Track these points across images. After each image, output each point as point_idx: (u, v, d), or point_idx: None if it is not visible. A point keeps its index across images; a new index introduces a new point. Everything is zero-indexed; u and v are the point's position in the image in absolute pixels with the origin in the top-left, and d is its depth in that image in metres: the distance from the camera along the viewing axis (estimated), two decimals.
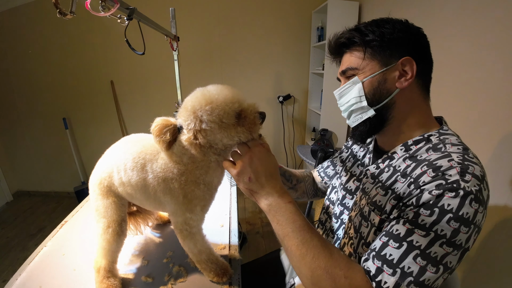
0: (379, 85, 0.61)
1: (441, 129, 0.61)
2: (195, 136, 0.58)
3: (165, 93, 2.55)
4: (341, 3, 2.04)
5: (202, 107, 0.56)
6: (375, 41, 0.59)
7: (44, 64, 2.47)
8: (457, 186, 0.45)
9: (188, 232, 0.69)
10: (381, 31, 0.59)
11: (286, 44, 2.52)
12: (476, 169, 0.48)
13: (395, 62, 0.59)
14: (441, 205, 0.45)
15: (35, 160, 2.80)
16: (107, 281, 0.71)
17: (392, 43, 0.59)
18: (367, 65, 0.61)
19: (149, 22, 1.05)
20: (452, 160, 0.50)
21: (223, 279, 0.72)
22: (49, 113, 2.63)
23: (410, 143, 0.61)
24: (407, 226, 0.47)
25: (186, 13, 2.28)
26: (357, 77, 0.63)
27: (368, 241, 0.58)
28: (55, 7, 0.60)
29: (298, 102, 2.72)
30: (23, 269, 0.79)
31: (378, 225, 0.57)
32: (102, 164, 0.75)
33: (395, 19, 0.62)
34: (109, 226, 0.72)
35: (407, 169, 0.57)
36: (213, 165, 0.65)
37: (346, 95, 0.66)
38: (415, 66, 0.58)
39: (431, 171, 0.50)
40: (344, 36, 0.64)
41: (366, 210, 0.62)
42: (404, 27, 0.60)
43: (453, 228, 0.44)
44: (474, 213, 0.44)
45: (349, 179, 0.75)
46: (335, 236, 0.74)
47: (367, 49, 0.61)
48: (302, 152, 2.21)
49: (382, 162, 0.66)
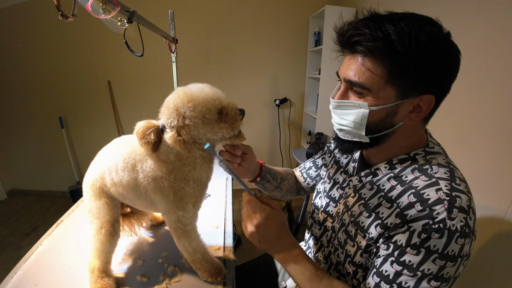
0: (386, 117, 0.53)
1: (426, 146, 0.58)
2: (178, 132, 0.61)
3: (162, 94, 2.48)
4: (338, 8, 2.07)
5: (184, 104, 0.59)
6: (407, 67, 0.47)
7: (40, 63, 2.46)
8: (443, 227, 0.45)
9: (182, 231, 0.70)
10: (420, 55, 0.46)
11: (283, 48, 2.54)
12: (463, 200, 0.47)
13: (414, 95, 0.50)
14: (427, 246, 0.46)
15: (30, 159, 2.78)
16: (102, 281, 0.71)
17: (424, 74, 0.48)
18: (382, 90, 0.50)
19: (148, 24, 1.07)
20: (440, 190, 0.48)
21: (217, 279, 0.73)
22: (45, 112, 2.62)
23: (395, 162, 0.58)
24: (395, 268, 0.49)
25: (184, 15, 2.29)
26: (367, 103, 0.52)
27: (355, 261, 0.59)
28: (57, 10, 0.61)
29: (294, 105, 2.74)
30: (19, 267, 0.79)
31: (364, 248, 0.57)
32: (94, 166, 0.76)
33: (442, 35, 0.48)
34: (102, 227, 0.73)
35: (391, 192, 0.55)
36: (199, 161, 0.67)
37: (345, 111, 0.56)
38: (433, 104, 0.51)
39: (419, 205, 0.49)
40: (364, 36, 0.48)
41: (352, 231, 0.61)
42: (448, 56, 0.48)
43: (439, 266, 0.45)
44: (460, 248, 0.45)
45: (332, 186, 0.74)
46: (319, 242, 0.75)
47: (392, 71, 0.48)
48: (298, 155, 2.23)
49: (365, 176, 0.63)
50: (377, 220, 0.55)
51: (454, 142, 1.24)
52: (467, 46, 1.15)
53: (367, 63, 0.49)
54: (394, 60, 0.47)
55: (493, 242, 1.06)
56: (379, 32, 0.47)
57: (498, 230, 1.05)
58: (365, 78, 0.50)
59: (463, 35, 1.17)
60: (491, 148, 1.09)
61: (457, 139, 1.23)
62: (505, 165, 1.03)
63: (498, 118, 1.05)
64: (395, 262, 0.49)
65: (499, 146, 1.05)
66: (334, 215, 0.70)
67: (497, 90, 1.05)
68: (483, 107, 1.11)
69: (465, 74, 1.15)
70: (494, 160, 1.07)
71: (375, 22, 0.48)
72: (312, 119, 2.56)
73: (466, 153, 1.18)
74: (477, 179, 1.11)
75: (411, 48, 0.45)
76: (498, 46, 1.04)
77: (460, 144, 1.22)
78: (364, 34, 0.48)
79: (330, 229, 0.71)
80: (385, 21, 0.47)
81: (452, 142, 1.24)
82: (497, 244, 1.05)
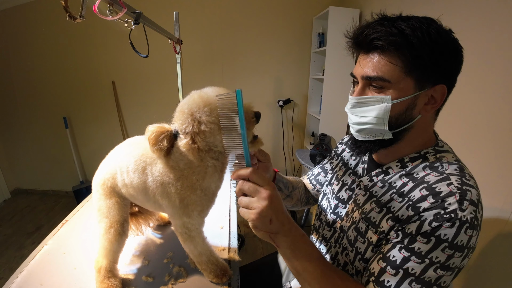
0: (406, 110, 0.55)
1: (436, 145, 0.60)
2: (193, 139, 0.58)
3: (166, 95, 2.57)
4: (342, 10, 2.07)
5: (200, 109, 0.56)
6: (423, 58, 0.50)
7: (45, 63, 2.48)
8: (454, 216, 0.46)
9: (187, 235, 0.70)
10: (432, 46, 0.50)
11: (287, 49, 2.54)
12: (473, 194, 0.49)
13: (429, 86, 0.53)
14: (438, 234, 0.47)
15: (34, 158, 2.80)
16: (108, 281, 0.71)
17: (437, 65, 0.51)
18: (402, 81, 0.52)
19: (154, 25, 1.07)
20: (452, 184, 0.50)
21: (222, 280, 0.73)
22: (50, 112, 2.64)
23: (407, 160, 0.59)
24: (403, 254, 0.50)
25: (188, 16, 2.30)
26: (389, 96, 0.54)
27: (366, 257, 0.59)
28: (65, 11, 0.62)
29: (297, 106, 2.74)
30: (24, 267, 0.79)
31: (376, 243, 0.57)
32: (105, 165, 0.76)
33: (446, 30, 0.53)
34: (112, 226, 0.73)
35: (404, 188, 0.56)
36: (210, 171, 0.64)
37: (366, 108, 0.57)
38: (446, 94, 0.55)
39: (431, 197, 0.50)
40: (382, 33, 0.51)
41: (362, 227, 0.61)
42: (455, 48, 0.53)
43: (447, 255, 0.47)
44: (468, 239, 0.47)
45: (341, 188, 0.74)
46: (328, 244, 0.74)
47: (410, 63, 0.51)
48: (301, 156, 2.23)
49: (376, 175, 0.64)
50: (389, 214, 0.56)
51: (460, 142, 1.24)
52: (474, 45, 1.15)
53: (387, 57, 0.52)
54: (411, 52, 0.50)
55: (498, 242, 1.06)
56: (393, 29, 0.50)
57: (503, 231, 1.05)
58: (385, 71, 0.53)
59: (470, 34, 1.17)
60: (495, 148, 1.09)
61: (462, 139, 1.24)
62: (510, 165, 1.03)
63: (504, 118, 1.05)
64: (404, 249, 0.50)
65: (504, 146, 1.05)
66: (343, 216, 0.70)
67: (504, 90, 1.05)
68: (489, 107, 1.11)
69: (473, 74, 1.16)
70: (499, 161, 1.07)
71: (388, 21, 0.52)
72: (315, 120, 2.56)
73: (471, 154, 1.19)
74: (482, 179, 1.10)
75: (424, 40, 0.49)
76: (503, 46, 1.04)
77: (465, 145, 1.22)
78: (380, 31, 0.51)
79: (338, 229, 0.71)
80: (396, 20, 0.52)
81: (457, 142, 1.23)
82: (501, 244, 1.05)
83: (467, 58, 0.56)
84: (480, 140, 1.15)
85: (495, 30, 1.06)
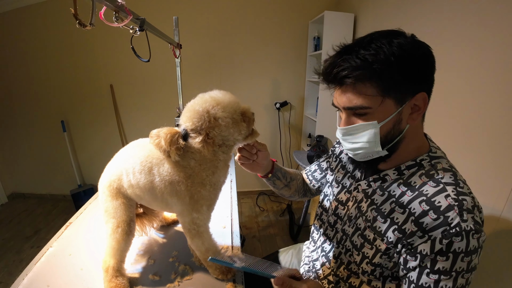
0: (394, 127, 0.57)
1: (430, 151, 0.62)
2: (208, 135, 0.64)
3: (164, 98, 2.58)
4: (337, 14, 2.12)
5: (214, 107, 0.64)
6: (393, 78, 0.51)
7: (43, 66, 2.48)
8: (459, 230, 0.50)
9: (196, 231, 0.73)
10: (399, 63, 0.51)
11: (284, 52, 2.58)
12: (468, 202, 0.53)
13: (409, 98, 0.55)
14: (453, 250, 0.50)
15: (31, 162, 2.78)
16: (116, 280, 0.73)
17: (410, 78, 0.53)
18: (382, 104, 0.54)
19: (156, 31, 1.09)
20: (449, 196, 0.53)
21: (227, 276, 0.76)
22: (47, 115, 2.63)
23: (403, 168, 0.61)
24: (432, 278, 0.52)
25: (186, 21, 2.33)
26: (375, 121, 0.55)
27: (374, 262, 0.62)
28: (75, 18, 0.64)
29: (294, 108, 2.78)
30: (30, 269, 0.80)
31: (384, 251, 0.60)
32: (111, 168, 0.79)
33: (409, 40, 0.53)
34: (119, 226, 0.75)
35: (402, 198, 0.59)
36: (221, 164, 0.71)
37: (356, 135, 0.59)
38: (427, 99, 0.56)
39: (432, 213, 0.53)
40: (348, 69, 0.52)
41: (370, 235, 0.63)
42: (423, 54, 0.53)
43: (467, 261, 0.51)
44: (477, 241, 0.51)
45: (340, 190, 0.77)
46: (331, 243, 0.77)
47: (383, 86, 0.52)
48: (299, 157, 2.26)
49: (374, 181, 0.66)
50: (393, 225, 0.59)
51: (451, 142, 1.27)
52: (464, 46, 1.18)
53: (360, 89, 0.54)
54: (380, 78, 0.52)
55: (490, 240, 1.08)
56: (357, 60, 0.52)
57: (495, 229, 1.08)
58: (362, 101, 0.54)
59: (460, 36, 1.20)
60: (487, 147, 1.11)
61: (454, 139, 1.26)
62: (500, 164, 1.06)
63: (496, 118, 1.07)
64: (431, 273, 0.53)
65: (495, 145, 1.08)
66: (343, 217, 0.73)
67: (494, 90, 1.07)
68: (480, 107, 1.14)
69: (462, 74, 1.19)
70: (490, 159, 1.10)
71: (350, 53, 0.53)
72: (312, 122, 2.60)
73: (463, 153, 1.21)
74: (474, 178, 1.13)
75: (389, 61, 0.50)
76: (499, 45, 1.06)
77: (457, 144, 1.25)
78: (346, 68, 0.53)
79: (340, 231, 0.74)
80: (358, 49, 0.53)
81: (449, 142, 1.27)
82: (494, 242, 1.08)
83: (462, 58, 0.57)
84: (472, 140, 1.18)
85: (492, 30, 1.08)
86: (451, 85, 1.27)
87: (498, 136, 1.07)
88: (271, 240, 2.24)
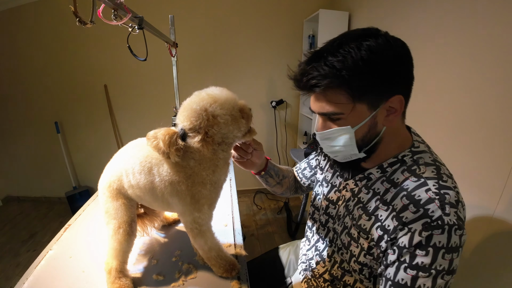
0: (369, 131, 0.57)
1: (412, 146, 0.61)
2: (207, 133, 0.63)
3: (159, 98, 2.57)
4: (331, 12, 2.13)
5: (212, 105, 0.62)
6: (363, 83, 0.51)
7: (35, 66, 2.43)
8: (441, 224, 0.48)
9: (198, 231, 0.73)
10: (369, 68, 0.49)
11: (279, 51, 2.58)
12: (451, 196, 0.51)
13: (384, 101, 0.54)
14: (433, 244, 0.48)
15: (25, 165, 2.74)
16: (119, 281, 0.73)
17: (382, 81, 0.51)
18: (354, 109, 0.54)
19: (153, 29, 1.09)
20: (430, 190, 0.52)
21: (232, 273, 0.76)
22: (41, 117, 2.59)
23: (386, 166, 0.61)
24: (410, 273, 0.50)
25: (181, 20, 2.31)
26: (349, 126, 0.56)
27: (360, 260, 0.63)
28: (75, 16, 0.63)
29: (290, 107, 2.78)
30: (30, 273, 0.79)
31: (367, 250, 0.60)
32: (110, 168, 0.78)
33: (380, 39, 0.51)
34: (120, 227, 0.74)
35: (386, 195, 0.58)
36: (221, 163, 0.70)
37: (332, 139, 0.60)
38: (403, 102, 0.55)
39: (412, 206, 0.52)
40: (317, 78, 0.52)
41: (355, 233, 0.64)
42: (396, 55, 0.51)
43: (449, 259, 0.48)
44: (459, 238, 0.49)
45: (330, 189, 0.77)
46: (324, 242, 0.78)
47: (353, 93, 0.52)
48: (296, 155, 2.27)
49: (360, 180, 0.66)
50: (378, 222, 0.58)
51: (444, 141, 1.27)
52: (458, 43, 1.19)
53: (330, 97, 0.54)
54: (349, 85, 0.51)
55: (483, 240, 1.09)
56: (326, 68, 0.50)
57: (488, 229, 1.08)
58: (334, 107, 0.54)
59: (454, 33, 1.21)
60: (479, 146, 1.11)
61: (446, 138, 1.26)
62: (493, 163, 1.06)
63: (487, 117, 1.07)
64: (409, 268, 0.50)
65: (487, 145, 1.08)
66: (334, 216, 0.74)
67: (488, 88, 1.07)
68: (472, 106, 1.14)
69: (457, 71, 1.20)
70: (482, 159, 1.10)
71: (319, 60, 0.52)
72: (308, 120, 2.61)
73: (455, 152, 1.22)
74: (466, 178, 1.15)
75: (357, 67, 0.49)
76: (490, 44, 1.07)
77: (449, 143, 1.25)
78: (315, 76, 0.52)
79: (332, 230, 0.75)
80: (327, 55, 0.51)
81: (441, 141, 1.28)
82: (487, 242, 1.08)
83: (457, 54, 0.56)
84: (465, 140, 1.18)
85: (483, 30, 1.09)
86: (444, 82, 1.28)
87: (491, 136, 1.07)
88: (269, 238, 2.25)
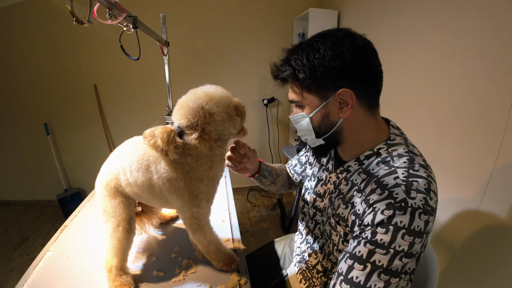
0: (323, 119, 0.63)
1: (388, 139, 0.64)
2: (204, 130, 0.65)
3: (150, 97, 2.55)
4: (321, 11, 2.16)
5: (208, 102, 0.64)
6: (307, 79, 0.59)
7: (24, 67, 2.38)
8: (405, 205, 0.49)
9: (197, 226, 0.74)
10: (311, 65, 0.58)
11: (269, 49, 2.60)
12: (420, 184, 0.52)
13: (332, 95, 0.60)
14: (394, 223, 0.49)
15: (14, 168, 2.68)
16: (120, 278, 0.73)
17: (325, 77, 0.58)
18: (307, 99, 0.63)
19: (146, 28, 1.09)
20: (398, 178, 0.54)
21: (231, 267, 0.78)
22: (29, 119, 2.53)
23: (362, 158, 0.65)
24: (368, 247, 0.51)
25: (172, 18, 2.30)
26: (304, 112, 0.65)
27: (339, 248, 0.66)
28: (72, 16, 0.63)
29: (282, 104, 2.81)
30: (28, 275, 0.79)
31: (343, 236, 0.64)
32: (107, 167, 0.78)
33: (331, 38, 0.58)
34: (119, 225, 0.75)
35: (362, 184, 0.61)
36: (218, 159, 0.72)
37: (298, 124, 0.68)
38: (354, 95, 0.59)
39: (379, 189, 0.54)
40: (280, 71, 0.64)
41: (333, 222, 0.67)
42: (337, 53, 0.57)
43: (409, 242, 0.49)
44: (424, 224, 0.49)
45: (317, 183, 0.80)
46: (313, 235, 0.81)
47: (302, 87, 0.62)
48: (288, 152, 2.30)
49: (340, 173, 0.70)
50: (353, 208, 0.61)
51: (429, 135, 1.31)
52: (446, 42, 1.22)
53: (292, 88, 0.65)
54: (297, 78, 0.61)
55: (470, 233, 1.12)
56: (287, 65, 0.62)
57: (474, 222, 1.11)
58: (293, 96, 0.65)
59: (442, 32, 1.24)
60: (464, 141, 1.15)
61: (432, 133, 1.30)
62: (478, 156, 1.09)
63: (473, 113, 1.10)
64: (368, 242, 0.51)
65: (472, 139, 1.11)
66: (322, 209, 0.77)
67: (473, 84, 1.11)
68: (458, 101, 1.17)
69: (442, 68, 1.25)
70: (468, 153, 1.13)
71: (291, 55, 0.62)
72: None
73: (441, 146, 1.25)
74: (452, 172, 1.19)
75: (304, 65, 0.59)
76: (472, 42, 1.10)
77: (435, 138, 1.29)
78: (281, 70, 0.63)
79: (320, 223, 0.78)
80: (294, 52, 0.62)
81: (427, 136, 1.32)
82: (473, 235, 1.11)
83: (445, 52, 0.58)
84: (449, 134, 1.21)
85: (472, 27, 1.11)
86: (430, 78, 1.32)
87: (474, 130, 1.10)
88: (264, 234, 2.27)
